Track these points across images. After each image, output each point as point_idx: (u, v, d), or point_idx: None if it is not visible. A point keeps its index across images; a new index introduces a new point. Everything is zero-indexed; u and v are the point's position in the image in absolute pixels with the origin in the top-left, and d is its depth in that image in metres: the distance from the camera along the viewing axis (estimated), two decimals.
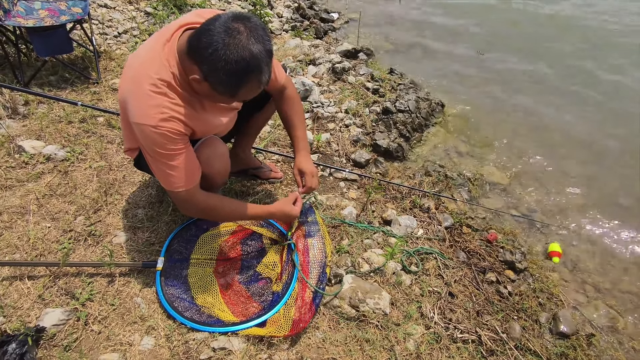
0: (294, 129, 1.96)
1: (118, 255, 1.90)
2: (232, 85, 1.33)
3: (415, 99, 3.38)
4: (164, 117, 1.39)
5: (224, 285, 1.82)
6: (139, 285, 1.79)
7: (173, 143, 1.44)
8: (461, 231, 2.45)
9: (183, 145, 1.48)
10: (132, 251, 1.93)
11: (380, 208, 2.45)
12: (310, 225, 2.07)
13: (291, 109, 1.95)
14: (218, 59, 1.25)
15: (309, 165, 1.93)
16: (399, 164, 3.01)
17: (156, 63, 1.39)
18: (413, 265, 2.12)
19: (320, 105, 3.22)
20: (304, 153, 1.96)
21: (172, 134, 1.41)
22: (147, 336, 1.61)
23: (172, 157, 1.46)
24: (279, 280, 1.85)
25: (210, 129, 1.64)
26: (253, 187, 2.36)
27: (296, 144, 1.96)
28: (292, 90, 1.94)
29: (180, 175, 1.49)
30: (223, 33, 1.24)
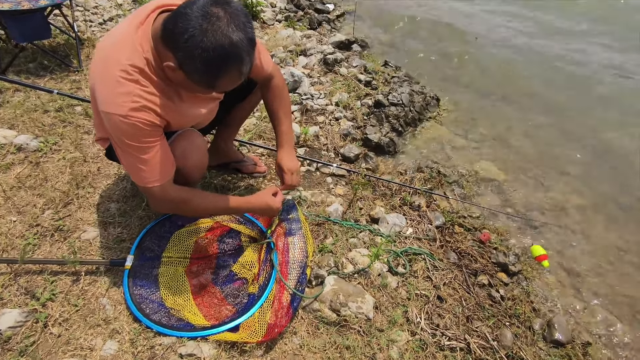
0: (278, 122, 1.84)
1: (86, 252, 1.79)
2: (210, 75, 1.22)
3: (409, 92, 3.25)
4: (135, 106, 1.27)
5: (197, 286, 1.70)
6: (106, 285, 1.68)
7: (144, 135, 1.32)
8: (453, 231, 2.34)
9: (156, 138, 1.36)
10: (101, 248, 1.81)
11: (368, 205, 2.34)
12: (291, 223, 1.95)
13: (277, 100, 1.83)
14: (194, 46, 1.14)
15: (291, 161, 1.83)
16: (390, 159, 2.89)
17: (128, 47, 1.27)
18: (400, 267, 2.01)
19: (310, 97, 3.10)
20: (287, 148, 1.85)
21: (143, 124, 1.30)
22: (111, 340, 1.50)
23: (144, 150, 1.34)
24: (256, 281, 1.74)
25: (187, 121, 1.52)
26: (234, 182, 2.24)
27: (279, 137, 1.85)
28: (279, 80, 1.82)
29: (152, 169, 1.38)
30: (201, 18, 1.13)
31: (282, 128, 1.84)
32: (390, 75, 3.49)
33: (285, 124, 1.84)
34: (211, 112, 1.70)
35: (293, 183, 1.84)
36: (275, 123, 1.85)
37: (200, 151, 1.57)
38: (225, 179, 2.23)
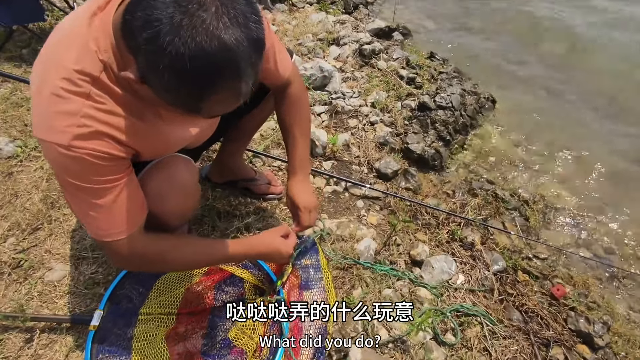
0: (293, 142, 1.40)
1: (48, 298, 1.41)
2: (188, 97, 0.77)
3: (460, 93, 2.71)
4: (81, 132, 0.84)
5: (180, 356, 1.29)
6: (65, 349, 1.30)
7: (98, 172, 0.89)
8: (515, 278, 1.83)
9: (117, 175, 0.93)
10: (67, 294, 1.43)
11: (409, 240, 1.86)
12: (309, 270, 1.52)
13: (292, 113, 1.39)
14: (160, 49, 0.67)
15: (305, 195, 1.40)
16: (435, 176, 2.39)
17: (76, 45, 0.83)
18: (449, 333, 1.54)
19: (342, 96, 2.61)
20: (301, 177, 1.42)
21: (96, 158, 0.87)
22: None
23: (98, 194, 0.92)
24: (258, 354, 1.32)
25: (168, 147, 1.08)
26: (242, 206, 1.81)
27: (292, 161, 1.42)
28: (297, 88, 1.37)
29: (111, 219, 0.96)
30: (172, 5, 0.67)
31: (296, 150, 1.40)
32: (437, 71, 2.95)
33: (300, 145, 1.40)
34: (208, 130, 1.27)
35: (310, 224, 1.42)
36: (289, 142, 1.41)
37: (184, 191, 1.12)
38: (230, 202, 1.80)
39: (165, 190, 1.05)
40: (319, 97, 2.55)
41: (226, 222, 1.73)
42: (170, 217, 1.12)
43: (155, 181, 1.04)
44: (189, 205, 1.15)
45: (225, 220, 1.74)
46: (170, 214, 1.10)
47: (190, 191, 1.12)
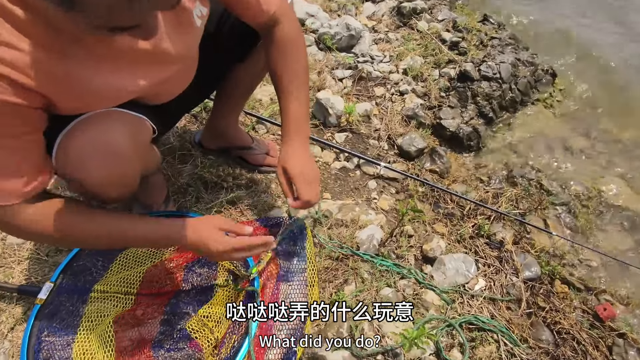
0: (285, 98, 1.15)
1: (5, 262, 1.30)
2: None
3: (513, 62, 2.29)
4: None
5: (127, 347, 1.13)
6: (12, 320, 1.18)
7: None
8: (551, 289, 1.51)
9: (11, 130, 0.74)
10: (26, 260, 1.31)
11: (424, 231, 1.58)
12: (291, 259, 1.29)
13: (283, 63, 1.13)
14: None
15: (303, 163, 1.13)
16: (468, 158, 2.05)
17: None
18: (456, 350, 1.27)
19: (369, 60, 2.29)
20: (297, 143, 1.15)
21: None
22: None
23: None
24: (217, 352, 1.13)
25: (99, 98, 0.85)
26: (232, 177, 1.59)
27: (285, 123, 1.16)
28: (289, 29, 1.11)
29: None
30: None
31: (289, 108, 1.14)
32: (489, 36, 2.52)
33: (296, 102, 1.14)
34: (177, 81, 1.05)
35: (311, 199, 1.13)
36: (281, 99, 1.15)
37: (114, 156, 0.88)
38: (220, 171, 1.60)
39: (88, 154, 0.84)
40: (342, 60, 2.24)
41: (212, 194, 1.53)
42: (102, 188, 0.92)
43: (76, 141, 0.84)
44: (126, 173, 0.93)
45: (212, 191, 1.54)
46: (99, 185, 0.90)
47: (124, 156, 0.89)
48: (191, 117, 1.83)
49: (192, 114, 1.83)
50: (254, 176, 1.62)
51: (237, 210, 1.49)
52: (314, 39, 2.35)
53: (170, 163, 1.62)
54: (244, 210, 1.50)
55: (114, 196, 0.97)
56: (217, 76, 1.36)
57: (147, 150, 1.03)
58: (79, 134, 0.84)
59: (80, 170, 0.86)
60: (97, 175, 0.87)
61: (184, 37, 0.92)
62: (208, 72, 1.25)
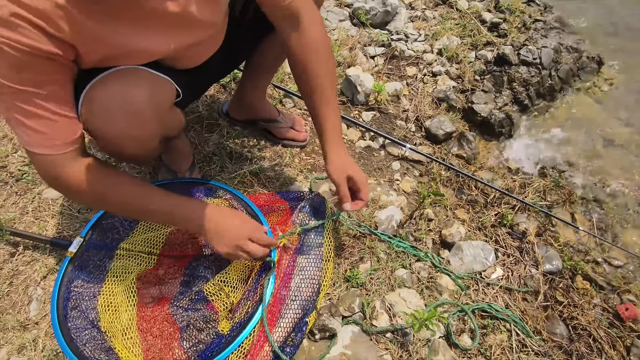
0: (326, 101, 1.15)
1: (40, 216, 1.38)
2: None
3: (555, 47, 2.18)
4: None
5: (148, 304, 1.20)
6: (45, 270, 1.26)
7: (20, 69, 0.74)
8: (571, 284, 1.48)
9: (40, 77, 0.77)
10: (59, 214, 1.39)
11: (445, 216, 1.56)
12: (309, 233, 1.31)
13: (317, 64, 1.11)
14: None
15: (357, 166, 1.21)
16: (498, 145, 1.99)
17: None
18: (466, 335, 1.27)
19: (404, 38, 2.23)
20: (343, 148, 1.21)
21: (15, 50, 0.71)
22: (17, 357, 1.10)
23: (17, 95, 0.77)
24: (232, 315, 1.17)
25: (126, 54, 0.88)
26: (257, 149, 1.62)
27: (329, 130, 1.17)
28: (319, 28, 1.10)
29: (32, 129, 0.82)
30: None
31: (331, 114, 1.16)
32: (533, 19, 2.40)
33: (334, 108, 1.17)
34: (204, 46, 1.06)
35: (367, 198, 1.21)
36: (321, 103, 1.14)
37: (136, 113, 0.91)
38: (245, 142, 1.62)
39: (108, 107, 0.87)
40: (376, 37, 2.19)
41: (236, 165, 1.56)
42: (121, 144, 0.95)
43: (99, 95, 0.87)
44: (143, 129, 0.96)
45: (236, 162, 1.57)
46: (118, 140, 0.93)
47: (142, 113, 0.92)
48: (220, 87, 1.85)
49: (221, 83, 1.84)
50: (277, 149, 1.64)
51: (260, 183, 1.51)
52: (348, 13, 2.30)
53: (197, 131, 1.65)
54: (266, 183, 1.52)
55: (133, 153, 1.01)
56: (246, 46, 1.36)
57: (167, 111, 1.05)
58: (102, 88, 0.87)
59: (101, 123, 0.89)
60: (115, 129, 0.90)
61: (211, 4, 0.93)
62: (238, 42, 1.25)
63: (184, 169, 1.44)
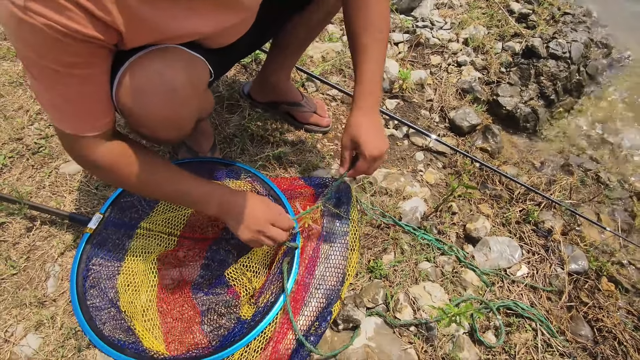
0: (363, 58, 1.07)
1: (57, 191, 1.34)
2: None
3: (585, 42, 2.12)
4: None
5: (169, 285, 1.17)
6: (62, 246, 1.22)
7: (60, 51, 0.70)
8: (597, 285, 1.44)
9: (83, 60, 0.73)
10: (77, 190, 1.35)
11: (469, 210, 1.53)
12: (334, 221, 1.27)
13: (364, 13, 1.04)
14: None
15: (374, 135, 1.06)
16: (522, 140, 1.94)
17: None
18: (490, 332, 1.24)
19: (429, 25, 2.17)
20: (369, 109, 1.08)
21: (57, 32, 0.67)
22: (33, 333, 1.07)
23: (55, 77, 0.73)
24: (254, 301, 1.14)
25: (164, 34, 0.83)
26: (279, 132, 1.57)
27: (359, 85, 1.08)
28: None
29: (66, 109, 0.79)
30: None
31: (367, 69, 1.06)
32: (562, 11, 2.33)
33: (374, 63, 1.06)
34: (234, 27, 1.01)
35: (369, 173, 1.12)
36: (357, 58, 1.07)
37: (171, 93, 0.86)
38: (267, 125, 1.57)
39: (147, 89, 0.83)
40: (400, 23, 2.13)
41: (257, 148, 1.52)
42: (159, 127, 0.91)
43: (140, 72, 0.82)
44: (182, 111, 0.92)
45: (258, 145, 1.53)
46: (155, 122, 0.89)
47: (183, 95, 0.87)
48: (241, 67, 1.79)
49: (242, 64, 1.79)
50: (300, 134, 1.59)
51: (282, 167, 1.47)
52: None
53: (218, 112, 1.61)
54: (288, 168, 1.48)
55: (168, 137, 0.96)
56: (274, 26, 1.31)
57: (204, 92, 1.01)
58: (139, 68, 0.82)
59: (139, 105, 0.85)
60: (154, 111, 0.86)
61: None
62: (265, 21, 1.20)
63: (205, 149, 1.40)
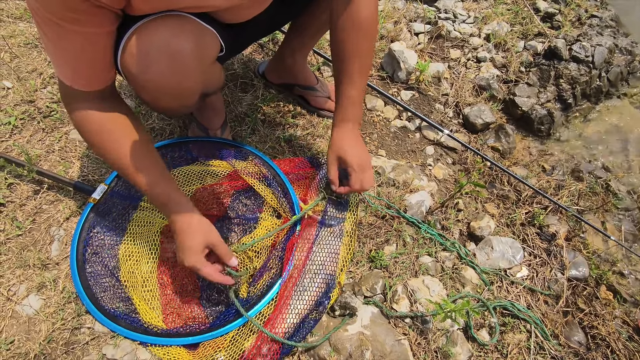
0: (348, 80, 1.10)
1: (67, 156, 1.35)
2: None
3: (610, 47, 2.07)
4: None
5: (170, 259, 1.18)
6: (68, 211, 1.24)
7: (64, 6, 0.70)
8: (595, 293, 1.44)
9: (85, 19, 0.73)
10: (86, 157, 1.35)
11: (474, 208, 1.52)
12: (333, 207, 1.27)
13: (354, 41, 1.06)
14: None
15: (358, 149, 1.12)
16: (535, 142, 1.92)
17: None
18: (484, 330, 1.25)
19: (452, 17, 2.12)
20: (351, 126, 1.13)
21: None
22: (35, 294, 1.09)
23: (59, 31, 0.74)
24: (255, 281, 1.15)
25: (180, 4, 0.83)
26: (291, 115, 1.56)
27: (342, 104, 1.12)
28: (371, 8, 1.05)
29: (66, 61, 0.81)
30: None
31: (351, 91, 1.10)
32: (589, 14, 2.27)
33: (357, 85, 1.10)
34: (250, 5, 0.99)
35: (364, 187, 1.14)
36: (342, 78, 1.10)
37: (177, 63, 0.85)
38: (280, 107, 1.56)
39: (153, 55, 0.82)
40: (423, 13, 2.09)
41: (268, 129, 1.51)
42: (162, 94, 0.90)
43: (145, 37, 0.81)
44: (186, 81, 0.90)
45: (269, 126, 1.52)
46: (159, 89, 0.88)
47: (188, 64, 0.86)
48: (258, 46, 1.77)
49: (259, 43, 1.77)
50: (312, 119, 1.58)
51: (291, 150, 1.47)
52: None
53: (231, 89, 1.60)
54: (297, 151, 1.48)
55: (170, 106, 0.96)
56: (295, 6, 1.29)
57: (211, 64, 1.00)
58: (146, 33, 0.82)
59: (141, 71, 0.84)
60: (156, 79, 0.86)
61: None
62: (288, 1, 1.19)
63: (215, 126, 1.39)
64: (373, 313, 1.19)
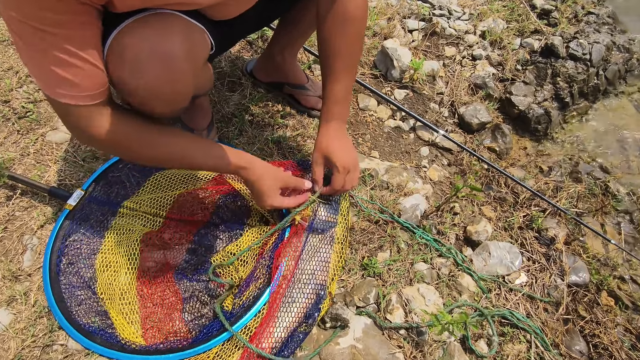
0: (334, 77, 1.05)
1: (42, 160, 1.27)
2: None
3: (607, 45, 2.02)
4: None
5: (150, 269, 1.11)
6: (43, 218, 1.16)
7: (41, 8, 0.62)
8: (596, 300, 1.39)
9: (68, 19, 0.65)
10: (62, 160, 1.28)
11: (471, 212, 1.47)
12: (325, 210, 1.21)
13: (341, 38, 1.01)
14: None
15: (344, 149, 1.08)
16: (532, 142, 1.87)
17: None
18: (483, 341, 1.20)
19: (446, 14, 2.07)
20: (337, 125, 1.08)
21: None
22: (5, 309, 1.02)
23: (43, 37, 0.65)
24: (241, 291, 1.09)
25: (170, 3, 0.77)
26: (280, 115, 1.50)
27: (328, 102, 1.07)
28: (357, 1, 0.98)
29: (59, 75, 0.70)
30: None
31: (337, 88, 1.05)
32: (586, 10, 2.23)
33: (344, 83, 1.05)
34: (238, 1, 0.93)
35: (346, 187, 1.10)
36: (328, 75, 1.05)
37: (168, 64, 0.78)
38: (268, 107, 1.50)
39: (144, 57, 0.75)
40: (417, 9, 2.03)
41: (257, 130, 1.44)
42: (152, 97, 0.83)
43: (132, 39, 0.74)
44: (178, 84, 0.83)
45: (257, 127, 1.45)
46: (150, 93, 0.81)
47: (180, 65, 0.80)
48: (246, 44, 1.71)
49: (248, 40, 1.70)
50: (302, 119, 1.52)
51: (280, 153, 1.40)
52: None
53: (217, 89, 1.53)
54: (286, 153, 1.41)
55: (160, 111, 0.88)
56: (284, 1, 1.22)
57: (203, 65, 0.93)
58: (132, 34, 0.74)
59: (130, 76, 0.77)
60: (145, 82, 0.78)
61: None
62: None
63: (201, 127, 1.32)
64: (366, 324, 1.13)
